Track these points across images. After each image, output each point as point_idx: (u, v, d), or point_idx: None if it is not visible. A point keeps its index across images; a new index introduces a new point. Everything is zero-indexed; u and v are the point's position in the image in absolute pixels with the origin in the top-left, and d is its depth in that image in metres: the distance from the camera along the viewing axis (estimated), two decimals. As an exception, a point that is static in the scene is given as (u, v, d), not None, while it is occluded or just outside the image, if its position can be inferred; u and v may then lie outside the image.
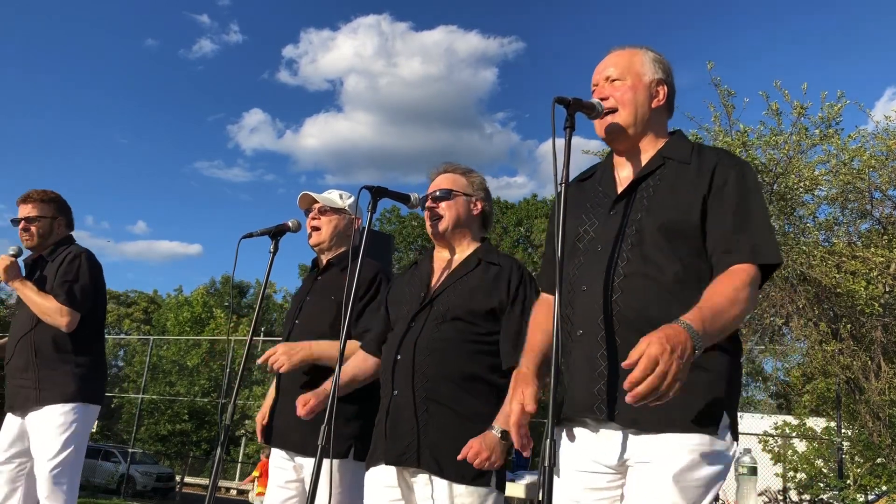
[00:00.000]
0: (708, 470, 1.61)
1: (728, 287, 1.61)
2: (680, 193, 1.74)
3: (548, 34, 60.37)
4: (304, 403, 2.40)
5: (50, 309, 3.14)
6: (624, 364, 1.43)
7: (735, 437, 1.68)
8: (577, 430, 1.77)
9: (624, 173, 1.88)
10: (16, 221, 3.39)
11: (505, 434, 2.12)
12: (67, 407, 3.13)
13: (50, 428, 3.09)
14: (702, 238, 1.71)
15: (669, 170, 1.79)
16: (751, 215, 1.70)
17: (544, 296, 2.03)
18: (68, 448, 3.09)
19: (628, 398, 1.42)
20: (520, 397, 1.72)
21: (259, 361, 2.63)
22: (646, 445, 1.65)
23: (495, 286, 2.35)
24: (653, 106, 1.86)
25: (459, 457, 2.09)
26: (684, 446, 1.61)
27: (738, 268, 1.64)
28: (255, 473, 13.78)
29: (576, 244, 1.84)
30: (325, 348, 2.59)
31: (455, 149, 55.66)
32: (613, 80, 1.86)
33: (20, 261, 3.35)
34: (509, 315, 2.32)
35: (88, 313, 3.27)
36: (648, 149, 1.86)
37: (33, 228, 3.37)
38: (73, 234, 3.54)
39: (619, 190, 1.83)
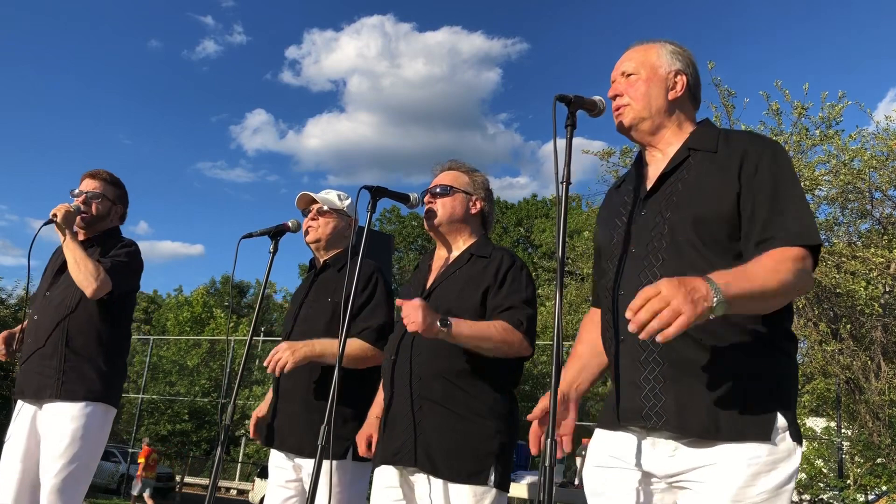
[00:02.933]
0: (768, 482, 1.53)
1: (768, 260, 1.52)
2: (709, 185, 1.68)
3: (552, 35, 60.54)
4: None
5: (88, 267, 2.90)
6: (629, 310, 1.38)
7: (797, 440, 1.58)
8: (627, 437, 1.71)
9: (652, 170, 1.83)
10: (75, 194, 3.17)
11: (446, 324, 2.12)
12: (89, 407, 2.89)
13: (67, 428, 2.85)
14: (737, 228, 1.63)
15: (696, 161, 1.73)
16: (788, 199, 1.62)
17: (592, 310, 1.99)
18: (82, 452, 2.85)
19: (630, 326, 1.37)
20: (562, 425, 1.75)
21: (265, 363, 2.62)
22: (697, 458, 1.57)
23: (483, 277, 2.34)
24: (670, 97, 1.82)
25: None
26: (739, 460, 1.52)
27: (780, 248, 1.55)
28: (140, 460, 14.81)
29: (611, 249, 1.80)
30: (326, 346, 2.58)
31: (457, 149, 55.84)
32: (629, 75, 1.84)
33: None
34: (495, 294, 2.31)
35: (123, 306, 3.10)
36: (674, 141, 1.81)
37: (94, 204, 3.16)
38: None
39: (648, 187, 1.79)
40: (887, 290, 9.58)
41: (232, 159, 66.46)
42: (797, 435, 1.58)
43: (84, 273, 2.91)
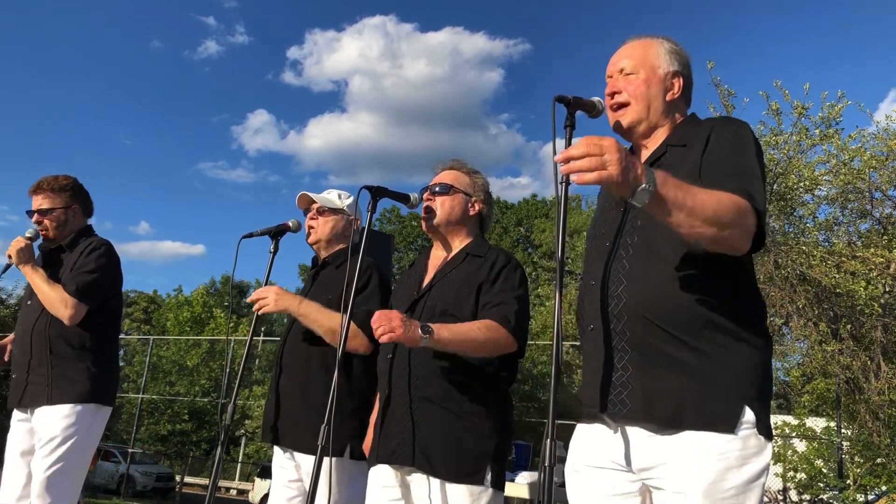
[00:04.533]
0: (739, 477, 1.53)
1: (715, 191, 1.51)
2: (679, 175, 1.66)
3: (554, 36, 60.48)
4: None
5: (54, 298, 2.95)
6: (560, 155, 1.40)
7: (766, 436, 1.57)
8: (595, 427, 1.72)
9: None
10: (30, 213, 3.17)
11: (428, 331, 2.08)
12: (79, 407, 2.94)
13: (57, 427, 2.91)
14: None
15: (671, 155, 1.75)
16: (744, 163, 1.63)
17: (577, 309, 1.98)
18: (71, 450, 2.91)
19: (557, 156, 1.39)
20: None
21: (248, 300, 2.63)
22: (667, 449, 1.58)
23: (478, 275, 2.34)
24: (667, 99, 1.83)
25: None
26: (709, 455, 1.53)
27: (730, 193, 1.54)
28: None
29: (593, 242, 1.82)
30: (313, 310, 2.58)
31: (459, 150, 55.82)
32: (627, 74, 1.83)
33: (35, 246, 3.16)
34: (487, 291, 2.30)
35: (103, 310, 3.10)
36: (661, 140, 1.82)
37: (47, 221, 3.14)
38: None
39: None
40: (887, 290, 9.58)
41: (233, 159, 66.50)
42: (766, 430, 1.58)
43: (56, 305, 2.97)
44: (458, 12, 64.75)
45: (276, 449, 2.75)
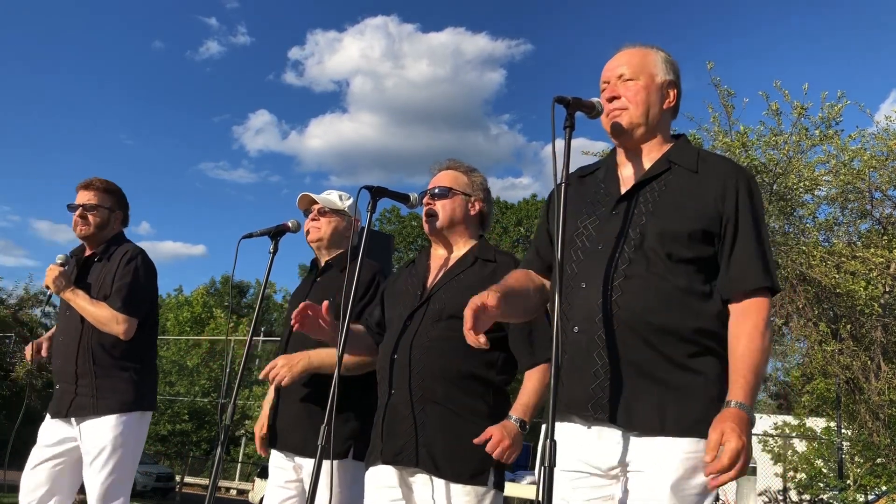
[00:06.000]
0: (703, 476, 1.60)
1: (756, 334, 1.65)
2: (687, 202, 1.74)
3: (556, 37, 60.43)
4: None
5: (105, 318, 3.02)
6: (705, 459, 1.54)
7: None
8: (570, 427, 1.76)
9: (627, 173, 1.87)
10: (73, 207, 3.20)
11: (523, 424, 2.14)
12: (125, 417, 3.02)
13: (106, 439, 2.98)
14: (706, 249, 1.72)
15: (676, 176, 1.78)
16: (762, 243, 1.73)
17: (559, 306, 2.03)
18: (122, 459, 3.00)
19: (711, 484, 1.56)
20: (483, 294, 1.71)
21: (261, 376, 2.62)
22: (638, 450, 1.65)
23: (491, 281, 2.33)
24: (664, 107, 1.86)
25: (477, 440, 2.09)
26: (679, 453, 1.61)
27: (756, 304, 1.68)
28: None
29: (574, 239, 1.83)
30: (323, 357, 2.58)
31: (460, 150, 55.70)
32: (627, 80, 1.85)
33: (67, 267, 3.19)
34: None
35: (144, 320, 3.15)
36: (653, 151, 1.85)
37: (91, 217, 3.18)
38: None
39: (623, 190, 1.82)
40: (887, 290, 9.58)
41: (234, 160, 66.49)
42: None
43: (108, 324, 3.04)
44: (460, 13, 64.85)
45: (274, 449, 2.75)
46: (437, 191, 2.49)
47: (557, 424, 1.79)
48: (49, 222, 62.98)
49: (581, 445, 1.73)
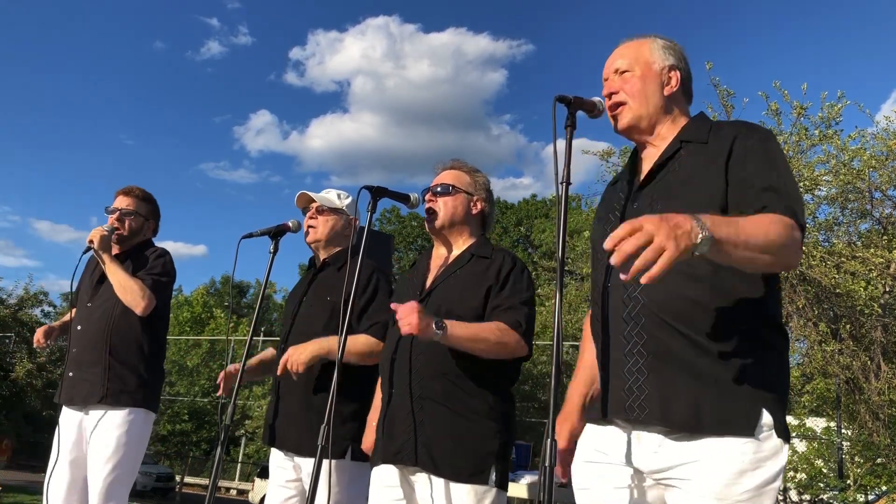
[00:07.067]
0: (753, 480, 1.51)
1: (760, 217, 1.50)
2: (699, 175, 1.67)
3: (557, 37, 60.46)
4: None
5: (134, 288, 3.08)
6: (606, 245, 1.34)
7: (783, 437, 1.56)
8: (611, 430, 1.70)
9: (646, 164, 1.83)
10: (111, 211, 3.32)
11: (439, 323, 2.12)
12: (131, 415, 3.06)
13: (112, 435, 3.02)
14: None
15: (687, 153, 1.73)
16: (780, 177, 1.60)
17: (592, 312, 1.96)
18: (125, 457, 3.03)
19: (613, 258, 1.32)
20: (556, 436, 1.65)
21: (279, 373, 2.62)
22: (681, 454, 1.56)
23: (485, 277, 2.34)
24: (665, 93, 1.82)
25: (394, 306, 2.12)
26: (724, 457, 1.51)
27: (774, 213, 1.52)
28: None
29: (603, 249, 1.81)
30: (333, 343, 2.56)
31: (461, 150, 55.73)
32: (623, 73, 1.83)
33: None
34: (496, 295, 2.30)
35: (160, 317, 3.24)
36: (668, 136, 1.81)
37: (128, 221, 3.30)
38: (75, 235, 3.50)
39: (641, 180, 1.78)
40: (887, 290, 9.58)
41: (235, 160, 66.48)
42: (784, 432, 1.56)
43: (131, 294, 3.09)
44: (462, 13, 64.91)
45: (274, 448, 2.75)
46: (439, 188, 2.49)
47: (594, 426, 1.76)
48: (49, 222, 63.26)
49: (624, 448, 1.66)
